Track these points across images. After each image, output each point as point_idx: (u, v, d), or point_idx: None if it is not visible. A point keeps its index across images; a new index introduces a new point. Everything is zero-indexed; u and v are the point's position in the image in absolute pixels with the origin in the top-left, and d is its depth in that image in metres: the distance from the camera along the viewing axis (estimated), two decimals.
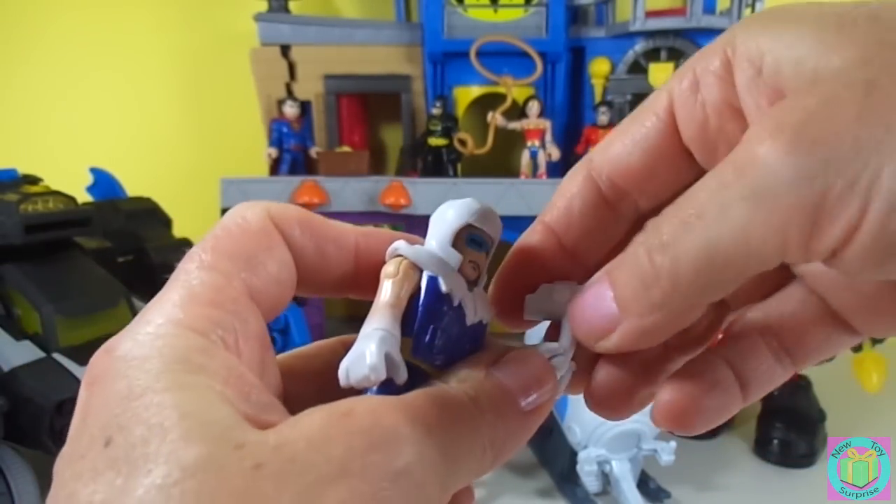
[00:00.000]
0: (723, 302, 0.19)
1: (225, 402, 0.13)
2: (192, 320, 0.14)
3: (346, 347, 0.16)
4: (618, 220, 0.19)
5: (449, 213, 0.18)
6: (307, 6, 1.06)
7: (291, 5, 1.00)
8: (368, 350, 0.15)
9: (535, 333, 0.22)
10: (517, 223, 1.10)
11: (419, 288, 0.17)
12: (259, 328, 0.15)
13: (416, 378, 0.16)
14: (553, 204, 0.20)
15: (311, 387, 0.18)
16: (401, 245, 0.17)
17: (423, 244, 0.18)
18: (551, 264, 0.19)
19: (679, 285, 0.15)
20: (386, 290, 0.17)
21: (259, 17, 0.98)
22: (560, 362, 0.18)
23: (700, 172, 0.16)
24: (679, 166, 0.18)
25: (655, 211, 0.16)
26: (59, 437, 0.58)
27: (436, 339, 0.17)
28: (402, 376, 0.16)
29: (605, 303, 0.16)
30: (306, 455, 0.12)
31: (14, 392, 0.57)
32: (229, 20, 1.11)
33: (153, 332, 0.13)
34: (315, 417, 0.13)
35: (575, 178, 0.19)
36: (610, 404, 0.19)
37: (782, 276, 0.19)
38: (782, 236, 0.13)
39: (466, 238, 0.18)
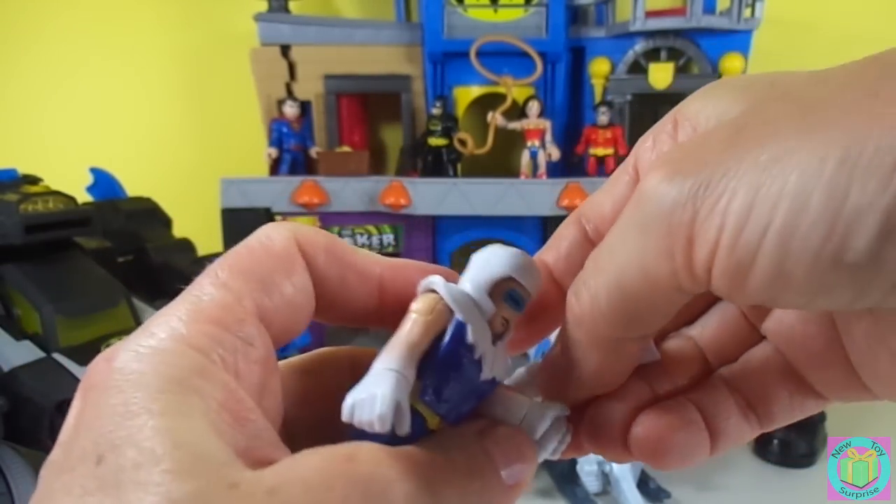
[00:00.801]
0: (703, 356, 0.21)
1: (220, 433, 0.12)
2: (195, 337, 0.13)
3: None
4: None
5: (493, 259, 0.17)
6: (307, 6, 1.06)
7: (291, 5, 1.00)
8: (380, 395, 0.14)
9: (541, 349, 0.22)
10: (517, 223, 1.11)
11: (444, 330, 0.16)
12: (264, 351, 0.15)
13: (416, 427, 0.16)
14: (549, 245, 0.21)
15: (312, 411, 0.18)
16: (437, 281, 0.17)
17: (457, 281, 0.17)
18: (545, 294, 0.20)
19: (600, 320, 0.16)
20: (412, 328, 0.16)
21: (259, 17, 0.98)
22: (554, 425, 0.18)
23: None
24: None
25: None
26: (58, 437, 0.58)
27: (448, 388, 0.16)
28: (405, 429, 0.15)
29: (555, 358, 0.18)
30: (302, 501, 0.12)
31: (14, 392, 0.57)
32: (229, 20, 1.11)
33: (154, 345, 0.13)
34: (314, 460, 0.13)
35: (568, 225, 0.21)
36: (604, 448, 0.19)
37: (751, 335, 0.20)
38: (670, 260, 0.14)
39: (505, 293, 0.17)
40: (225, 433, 0.12)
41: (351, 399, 0.15)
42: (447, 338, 0.16)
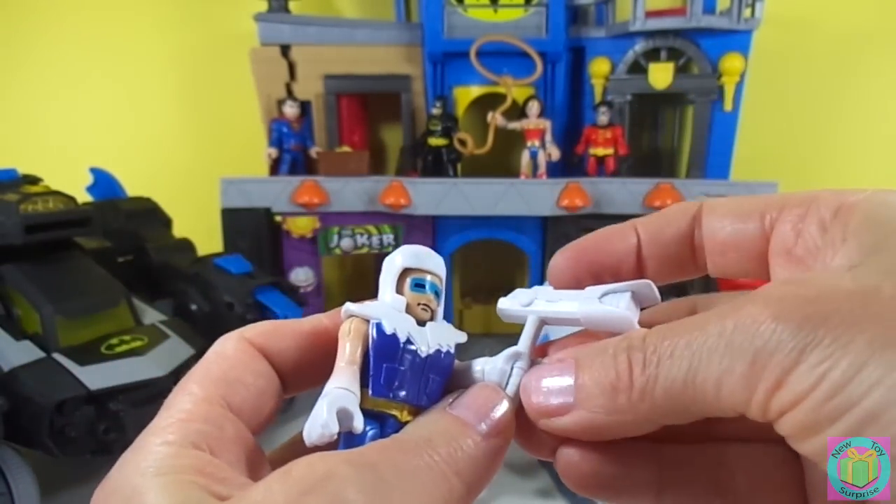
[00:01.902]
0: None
1: (195, 487, 0.15)
2: (173, 436, 0.16)
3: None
4: (692, 265, 0.21)
5: (388, 262, 0.20)
6: (307, 6, 1.06)
7: (291, 5, 1.00)
8: (319, 410, 0.17)
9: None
10: (517, 223, 1.11)
11: (370, 337, 0.18)
12: (235, 432, 0.17)
13: (389, 426, 0.18)
14: (652, 217, 0.21)
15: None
16: (348, 305, 0.19)
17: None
18: (622, 257, 0.21)
19: (646, 402, 0.16)
20: (342, 350, 0.18)
21: (259, 17, 0.98)
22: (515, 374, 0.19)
23: None
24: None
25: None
26: (59, 437, 0.59)
27: (387, 375, 0.18)
28: (357, 426, 0.17)
29: (564, 386, 0.18)
30: None
31: (14, 392, 0.57)
32: (229, 20, 1.11)
33: (159, 450, 0.16)
34: (261, 481, 0.15)
35: (685, 210, 0.20)
36: (576, 481, 0.20)
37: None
38: (748, 391, 0.15)
39: (410, 283, 0.19)
40: (202, 486, 0.15)
41: (306, 427, 0.17)
42: (371, 338, 0.18)
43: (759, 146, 1.07)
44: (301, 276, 0.96)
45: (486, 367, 0.20)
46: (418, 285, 0.20)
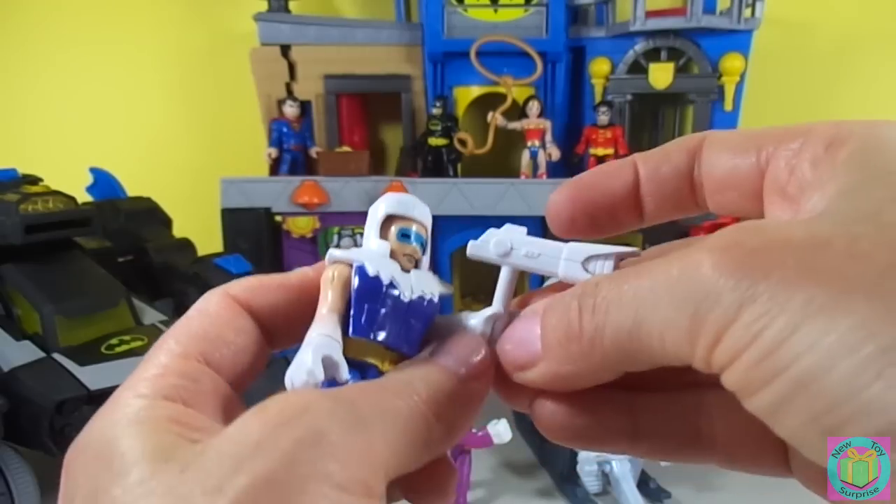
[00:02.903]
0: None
1: (170, 433, 0.15)
2: (147, 389, 0.17)
3: None
4: (693, 203, 0.20)
5: (374, 208, 0.20)
6: (307, 6, 1.06)
7: (291, 5, 1.00)
8: (305, 356, 0.17)
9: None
10: (517, 223, 1.11)
11: (352, 280, 0.18)
12: (212, 386, 0.17)
13: (369, 375, 0.18)
14: (652, 152, 0.20)
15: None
16: (332, 251, 0.19)
17: None
18: (620, 196, 0.20)
19: (596, 350, 0.16)
20: (324, 297, 0.18)
21: (259, 17, 0.98)
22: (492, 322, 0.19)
23: None
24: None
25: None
26: (59, 437, 0.58)
27: (368, 315, 0.18)
28: (342, 375, 0.17)
29: (531, 338, 0.18)
30: (221, 447, 0.14)
31: (14, 392, 0.57)
32: (229, 20, 1.11)
33: (132, 403, 0.16)
34: (237, 418, 0.15)
35: (685, 144, 0.19)
36: (507, 396, 0.20)
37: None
38: (691, 344, 0.14)
39: (397, 233, 0.19)
40: (174, 432, 0.15)
41: (288, 374, 0.17)
42: (354, 281, 0.18)
43: None
44: None
45: (469, 322, 0.20)
46: (404, 235, 0.19)
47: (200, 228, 0.92)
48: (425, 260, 0.20)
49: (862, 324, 0.12)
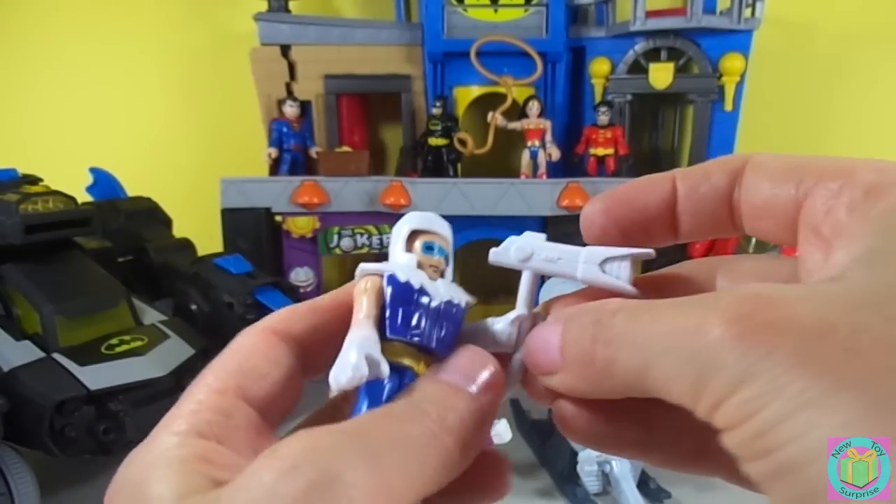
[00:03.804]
0: None
1: (197, 474, 0.15)
2: (181, 426, 0.17)
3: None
4: (730, 225, 0.20)
5: (396, 229, 0.21)
6: (307, 6, 1.06)
7: (291, 5, 1.00)
8: (349, 353, 0.17)
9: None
10: (517, 223, 1.11)
11: (384, 289, 0.19)
12: (245, 420, 0.18)
13: (407, 377, 0.19)
14: (692, 169, 0.20)
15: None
16: (363, 265, 0.20)
17: None
18: (655, 213, 0.20)
19: (607, 380, 0.17)
20: (359, 305, 0.19)
21: (259, 17, 0.98)
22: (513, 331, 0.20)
23: None
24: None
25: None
26: (59, 437, 0.58)
27: (403, 317, 0.19)
28: (384, 371, 0.18)
29: (552, 346, 0.18)
30: (235, 497, 0.14)
31: (14, 392, 0.57)
32: (229, 20, 1.11)
33: (165, 441, 0.17)
34: (250, 467, 0.15)
35: (727, 164, 0.19)
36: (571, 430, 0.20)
37: None
38: (693, 400, 0.15)
39: (422, 247, 0.20)
40: (202, 474, 0.16)
41: (332, 373, 0.17)
42: (387, 289, 0.19)
43: (759, 146, 1.07)
44: (301, 276, 0.96)
45: (495, 327, 0.20)
46: (428, 248, 0.20)
47: (200, 228, 0.92)
48: (449, 272, 0.21)
49: (848, 424, 0.13)
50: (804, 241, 0.17)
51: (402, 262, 0.20)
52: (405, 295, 0.19)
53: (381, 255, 1.11)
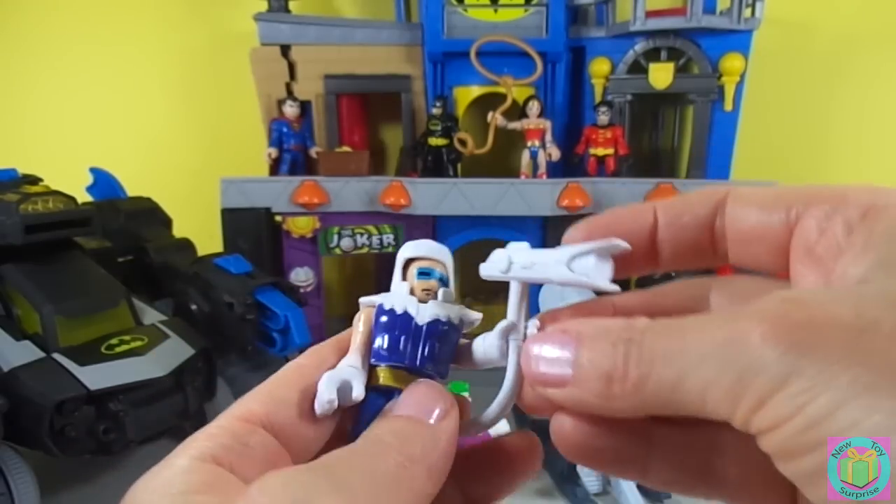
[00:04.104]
0: None
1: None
2: (196, 451, 0.17)
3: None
4: (711, 253, 0.20)
5: (400, 252, 0.22)
6: (307, 6, 1.06)
7: (291, 5, 1.00)
8: (320, 386, 0.19)
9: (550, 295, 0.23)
10: (517, 223, 1.11)
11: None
12: (262, 447, 0.18)
13: (393, 398, 0.20)
14: (673, 199, 0.20)
15: None
16: (362, 298, 0.22)
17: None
18: (635, 239, 0.20)
19: (637, 396, 0.16)
20: (354, 335, 0.21)
21: (259, 17, 0.98)
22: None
23: None
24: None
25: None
26: (59, 437, 0.58)
27: (386, 343, 0.20)
28: (356, 395, 0.19)
29: (562, 359, 0.18)
30: None
31: (14, 392, 0.57)
32: (229, 20, 1.11)
33: (178, 464, 0.17)
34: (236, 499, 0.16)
35: (708, 196, 0.20)
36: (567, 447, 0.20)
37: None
38: (732, 405, 0.15)
39: (416, 273, 0.21)
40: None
41: (315, 404, 0.19)
42: (375, 318, 0.21)
43: (759, 146, 1.07)
44: (301, 276, 0.96)
45: (484, 343, 0.21)
46: (421, 273, 0.21)
47: (200, 228, 0.92)
48: (448, 291, 0.21)
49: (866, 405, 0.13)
50: (797, 262, 0.18)
51: (394, 291, 0.21)
52: (389, 321, 0.20)
53: (381, 255, 1.11)
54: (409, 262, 0.22)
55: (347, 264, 1.19)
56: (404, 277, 0.22)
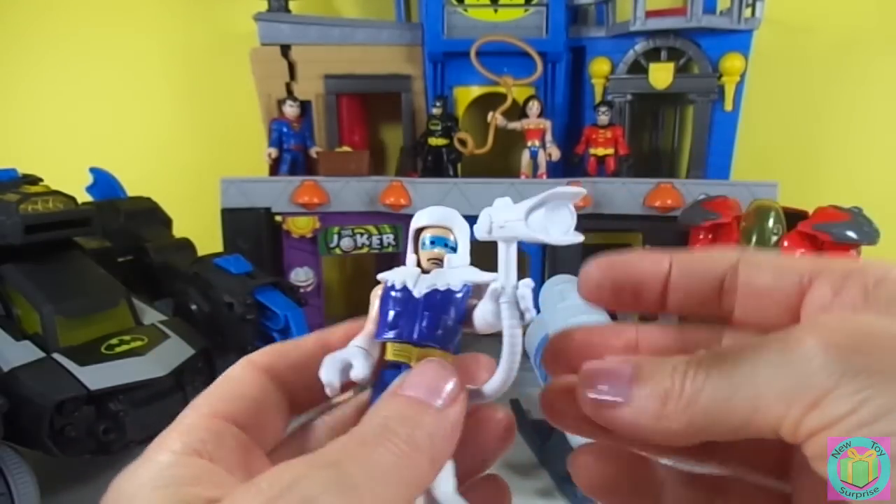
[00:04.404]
0: None
1: (189, 495, 0.16)
2: (176, 445, 0.18)
3: None
4: (717, 305, 0.21)
5: (413, 220, 0.22)
6: (307, 6, 1.06)
7: (291, 5, 1.00)
8: (321, 368, 0.20)
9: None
10: None
11: None
12: (235, 441, 0.19)
13: (402, 371, 0.20)
14: (690, 252, 0.22)
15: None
16: (378, 276, 0.22)
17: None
18: (649, 281, 0.21)
19: (689, 413, 0.17)
20: (369, 314, 0.21)
21: (259, 17, 0.98)
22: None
23: None
24: None
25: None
26: (59, 437, 0.58)
27: (383, 319, 0.21)
28: (356, 376, 0.20)
29: (619, 387, 0.19)
30: None
31: (14, 392, 0.57)
32: (229, 20, 1.11)
33: (162, 460, 0.18)
34: (228, 495, 0.16)
35: (724, 254, 0.21)
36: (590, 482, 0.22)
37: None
38: (786, 406, 0.16)
39: (422, 243, 0.22)
40: (196, 489, 0.17)
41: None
42: (381, 294, 0.21)
43: (759, 146, 1.07)
44: (301, 276, 0.96)
45: (481, 308, 0.20)
46: (431, 242, 0.22)
47: (200, 228, 0.92)
48: (456, 256, 0.21)
49: None
50: (809, 318, 0.19)
51: (407, 264, 0.21)
52: (387, 297, 0.21)
53: (381, 255, 1.11)
54: (418, 232, 0.22)
55: (347, 264, 1.19)
56: (415, 249, 0.22)
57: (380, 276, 0.22)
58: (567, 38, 0.97)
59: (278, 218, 0.96)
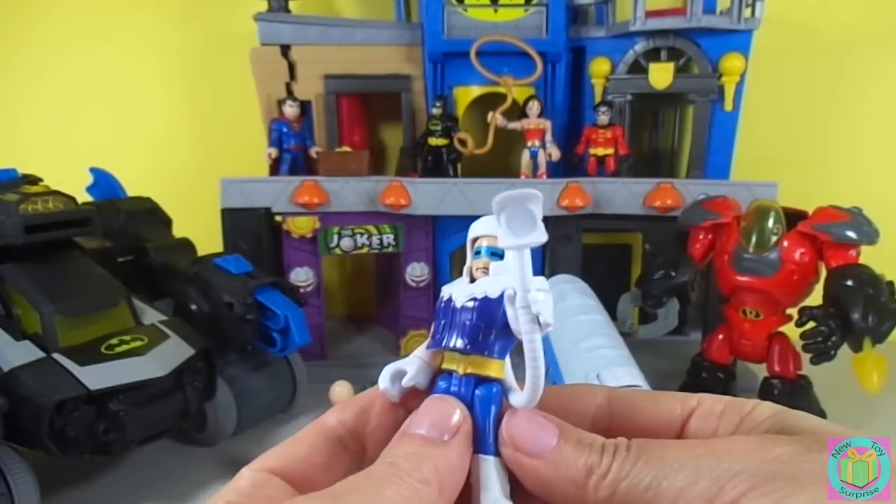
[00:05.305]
0: None
1: None
2: (233, 495, 0.19)
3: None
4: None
5: (470, 230, 0.22)
6: (307, 6, 1.06)
7: (291, 5, 1.00)
8: (380, 378, 0.22)
9: None
10: None
11: None
12: (275, 489, 0.19)
13: (452, 379, 0.21)
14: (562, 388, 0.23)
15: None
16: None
17: None
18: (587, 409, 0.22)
19: (609, 492, 0.18)
20: None
21: (259, 17, 0.98)
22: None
23: None
24: None
25: None
26: (58, 437, 0.58)
27: (436, 328, 0.21)
28: (406, 380, 0.21)
29: (550, 431, 0.20)
30: None
31: (14, 392, 0.57)
32: (229, 20, 1.11)
33: None
34: None
35: (591, 390, 0.23)
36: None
37: None
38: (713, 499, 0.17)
39: (480, 250, 0.22)
40: None
41: None
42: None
43: (759, 146, 1.07)
44: (301, 276, 0.96)
45: (508, 315, 0.20)
46: (476, 253, 0.22)
47: (200, 228, 0.92)
48: (502, 264, 0.21)
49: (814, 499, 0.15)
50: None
51: (462, 276, 0.22)
52: (437, 309, 0.22)
53: (381, 255, 1.10)
54: (473, 242, 0.22)
55: (347, 264, 1.19)
56: (471, 258, 0.22)
57: (443, 289, 0.23)
58: (567, 38, 0.97)
59: (278, 218, 0.96)
